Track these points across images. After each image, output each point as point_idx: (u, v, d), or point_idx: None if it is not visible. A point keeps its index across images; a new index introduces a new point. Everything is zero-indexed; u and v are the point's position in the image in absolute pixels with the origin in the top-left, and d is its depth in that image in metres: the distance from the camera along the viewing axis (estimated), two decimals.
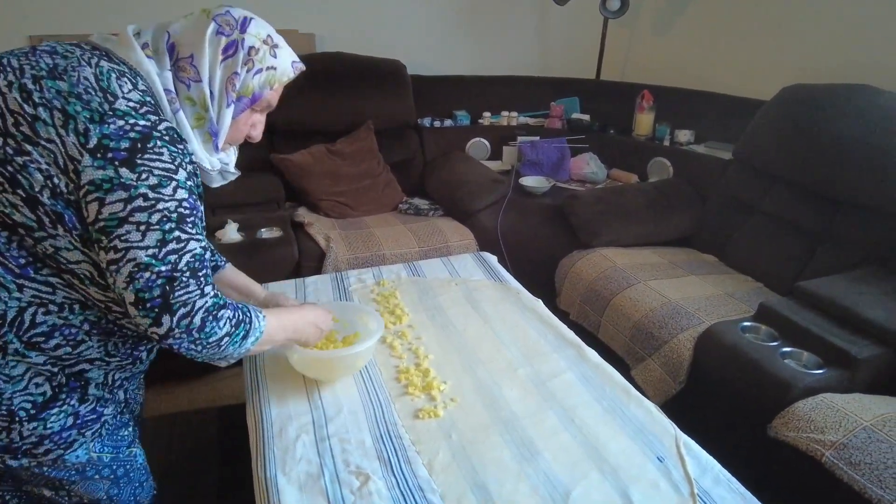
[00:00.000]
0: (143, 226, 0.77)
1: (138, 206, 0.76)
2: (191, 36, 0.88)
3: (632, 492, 0.99)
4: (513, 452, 1.07)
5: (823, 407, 1.35)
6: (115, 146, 0.76)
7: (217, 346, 0.85)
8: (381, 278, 1.73)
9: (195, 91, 0.88)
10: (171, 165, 0.80)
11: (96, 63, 0.80)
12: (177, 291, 0.79)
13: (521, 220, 2.47)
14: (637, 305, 1.88)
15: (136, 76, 0.84)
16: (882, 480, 1.16)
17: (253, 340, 0.91)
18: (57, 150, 0.75)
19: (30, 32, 2.40)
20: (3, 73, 0.77)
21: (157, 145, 0.78)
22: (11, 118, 0.75)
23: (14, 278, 0.79)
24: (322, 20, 2.82)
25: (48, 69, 0.78)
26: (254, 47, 0.91)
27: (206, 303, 0.82)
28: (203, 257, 0.83)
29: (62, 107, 0.75)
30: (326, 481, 1.00)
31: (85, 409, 0.90)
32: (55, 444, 0.87)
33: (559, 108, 3.02)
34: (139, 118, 0.78)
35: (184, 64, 0.87)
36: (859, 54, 2.15)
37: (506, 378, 1.27)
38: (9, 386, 0.81)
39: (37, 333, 0.81)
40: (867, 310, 1.54)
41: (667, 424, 1.15)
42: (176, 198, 0.80)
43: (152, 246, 0.77)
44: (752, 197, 2.22)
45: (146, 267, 0.77)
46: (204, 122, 0.90)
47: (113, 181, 0.75)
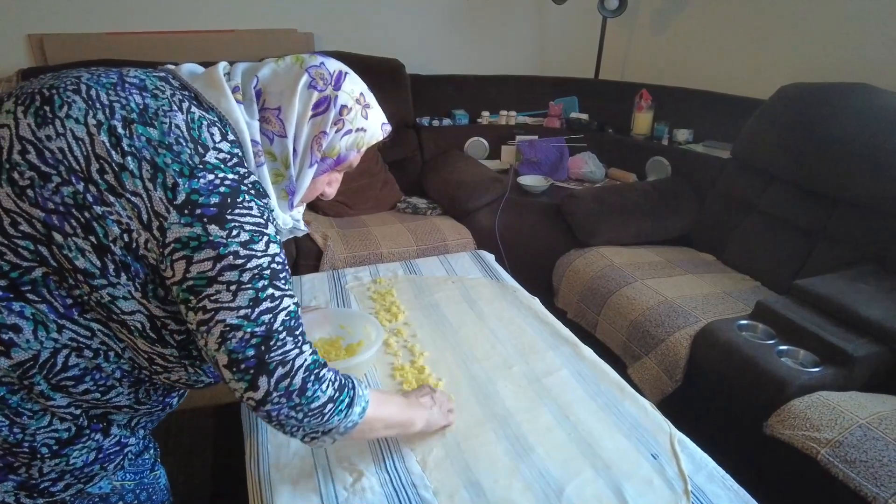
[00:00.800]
0: (233, 285, 0.71)
1: (228, 265, 0.71)
2: (281, 85, 0.82)
3: (625, 488, 0.99)
4: (506, 449, 1.07)
5: (819, 405, 1.34)
6: (205, 202, 0.70)
7: (320, 413, 0.78)
8: (377, 276, 1.73)
9: (278, 146, 0.82)
10: (261, 220, 0.74)
11: (188, 108, 0.75)
12: (273, 351, 0.73)
13: (519, 219, 2.47)
14: (634, 304, 1.88)
15: (226, 125, 0.78)
16: (878, 478, 1.16)
17: (360, 412, 0.83)
18: (142, 204, 0.69)
19: (28, 31, 2.40)
20: (92, 111, 0.70)
21: (245, 199, 0.73)
22: (97, 164, 0.69)
23: (57, 318, 0.72)
24: (321, 19, 2.83)
25: (139, 111, 0.72)
26: (346, 106, 0.84)
27: (305, 361, 0.76)
28: (297, 314, 0.77)
29: (151, 158, 0.70)
30: (320, 477, 1.00)
31: (109, 442, 0.84)
32: (76, 479, 0.82)
33: (558, 107, 3.02)
34: (228, 171, 0.73)
35: (269, 115, 0.81)
36: (857, 53, 2.15)
37: (500, 375, 1.27)
38: (32, 422, 0.75)
39: (67, 377, 0.75)
40: (864, 308, 1.53)
41: (661, 421, 1.15)
42: (269, 253, 0.74)
43: (244, 306, 0.72)
44: (750, 196, 2.22)
45: (238, 328, 0.72)
46: (283, 179, 0.84)
47: (201, 239, 0.70)
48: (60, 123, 0.69)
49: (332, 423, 0.80)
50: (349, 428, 0.83)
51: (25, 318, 0.70)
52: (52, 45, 2.41)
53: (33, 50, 2.42)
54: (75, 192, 0.68)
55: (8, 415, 0.73)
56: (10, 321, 0.70)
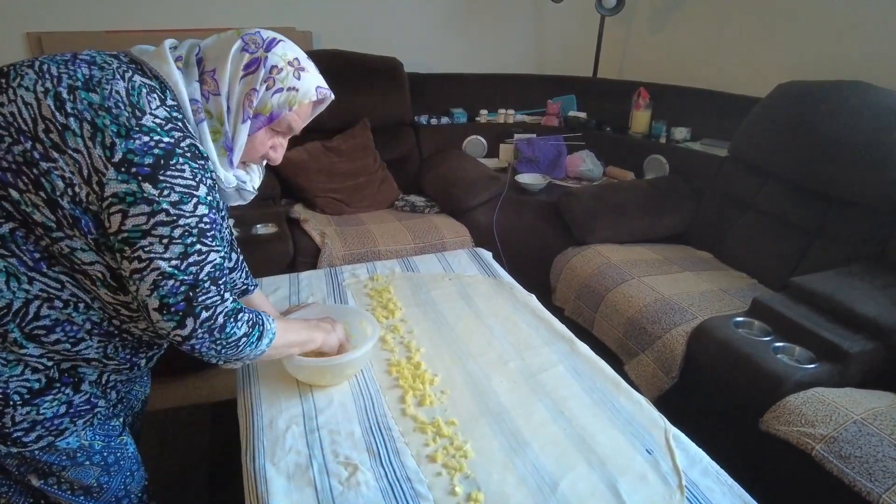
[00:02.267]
0: (165, 239, 0.80)
1: (161, 221, 0.79)
2: (217, 50, 0.90)
3: (620, 483, 0.99)
4: (501, 444, 1.07)
5: (815, 401, 1.35)
6: (139, 161, 0.78)
7: (235, 346, 0.90)
8: (374, 273, 1.73)
9: (213, 104, 0.90)
10: (192, 182, 0.82)
11: (129, 77, 0.82)
12: (199, 297, 0.84)
13: (517, 217, 2.47)
14: (631, 301, 1.88)
15: (166, 90, 0.86)
16: (872, 473, 1.16)
17: (268, 342, 0.95)
18: (83, 160, 0.77)
19: (26, 30, 2.40)
20: (41, 80, 0.79)
21: (178, 162, 0.80)
22: (42, 124, 0.77)
23: (27, 270, 0.81)
24: (319, 18, 2.83)
25: (84, 80, 0.80)
26: (276, 66, 0.91)
27: (226, 307, 0.87)
28: (222, 267, 0.88)
29: (92, 119, 0.78)
30: (315, 472, 1.00)
31: (79, 398, 0.91)
32: (46, 431, 0.88)
33: (556, 105, 3.02)
34: (164, 135, 0.80)
35: (206, 77, 0.89)
36: (853, 51, 2.16)
37: (496, 371, 1.28)
38: (6, 370, 0.83)
39: (38, 326, 0.83)
40: (859, 305, 1.54)
41: (656, 417, 1.15)
42: (196, 214, 0.83)
43: (174, 258, 0.81)
44: (746, 194, 2.22)
45: (170, 276, 0.81)
46: (220, 136, 0.91)
47: (136, 195, 0.78)
48: (13, 92, 0.78)
49: (244, 352, 0.92)
50: (258, 355, 0.96)
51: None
52: (51, 43, 2.41)
53: (31, 48, 2.42)
54: (24, 151, 0.77)
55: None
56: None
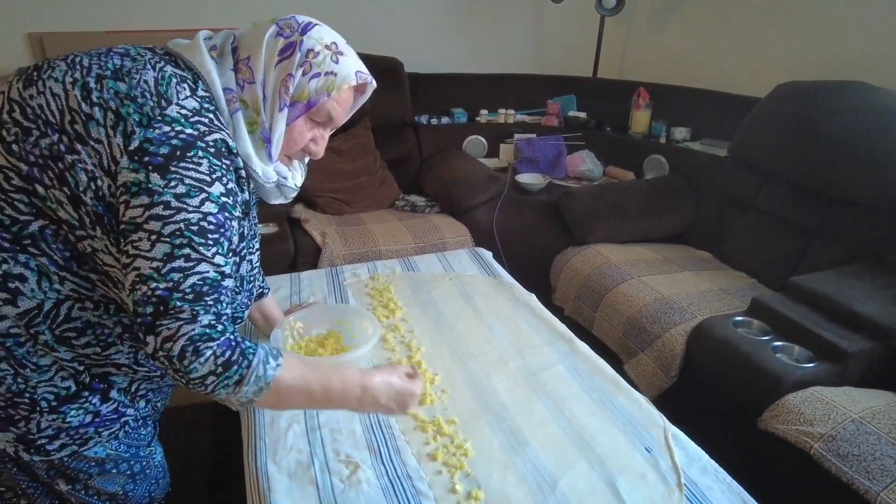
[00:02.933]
0: (154, 235, 0.72)
1: (155, 214, 0.72)
2: (251, 38, 0.86)
3: (619, 482, 1.00)
4: (501, 443, 1.08)
5: (813, 400, 1.35)
6: (154, 150, 0.73)
7: (202, 384, 0.74)
8: (375, 273, 1.74)
9: (248, 93, 0.85)
10: (207, 177, 0.75)
11: (161, 67, 0.80)
12: (167, 315, 0.72)
13: (517, 216, 2.48)
14: (630, 301, 1.89)
15: (198, 80, 0.82)
16: (870, 472, 1.17)
17: (255, 389, 0.77)
18: (103, 150, 0.74)
19: (28, 30, 2.41)
20: (71, 70, 0.77)
21: (197, 155, 0.75)
22: (69, 115, 0.75)
23: (57, 270, 0.78)
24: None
25: (113, 70, 0.77)
26: (313, 50, 0.86)
27: (192, 330, 0.72)
28: (217, 283, 0.75)
29: (116, 108, 0.75)
30: (316, 470, 1.01)
31: (106, 408, 0.87)
32: (71, 439, 0.84)
33: (556, 105, 3.02)
34: (187, 126, 0.76)
35: (241, 66, 0.85)
36: (854, 51, 2.16)
37: (496, 370, 1.28)
38: (35, 375, 0.80)
39: (69, 328, 0.79)
40: (858, 304, 1.54)
41: (655, 416, 1.16)
42: (201, 210, 0.74)
43: (157, 258, 0.72)
44: (746, 194, 2.23)
45: (145, 280, 0.72)
46: (256, 126, 0.86)
47: (140, 185, 0.72)
48: (42, 83, 0.76)
49: (218, 394, 0.76)
50: (244, 402, 0.78)
51: (30, 269, 0.77)
52: (52, 43, 2.42)
53: (33, 49, 2.42)
54: (51, 144, 0.74)
55: (13, 365, 0.78)
56: (17, 271, 0.76)
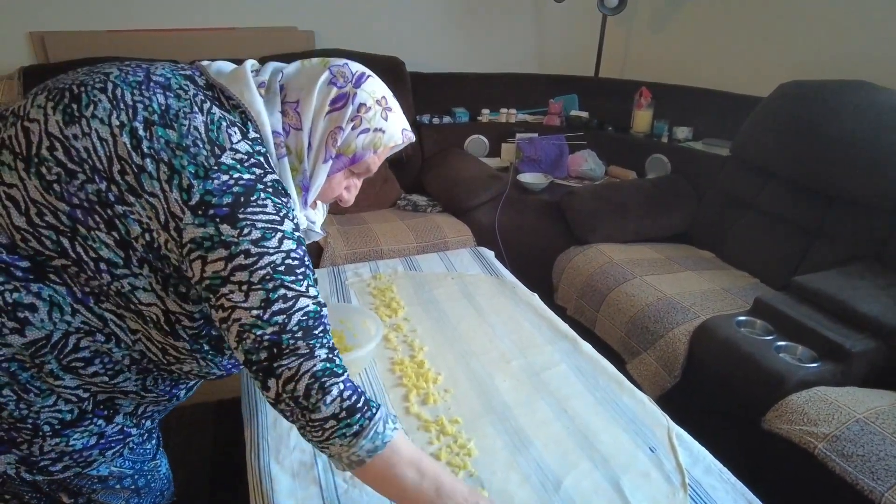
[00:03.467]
0: (244, 285, 0.71)
1: (239, 265, 0.71)
2: (302, 80, 0.83)
3: (623, 481, 0.99)
4: (505, 442, 1.07)
5: (817, 400, 1.35)
6: (217, 202, 0.71)
7: (321, 428, 0.73)
8: (377, 272, 1.73)
9: (293, 139, 0.82)
10: (276, 217, 0.74)
11: (208, 109, 0.76)
12: (283, 356, 0.71)
13: (519, 216, 2.47)
14: (633, 300, 1.89)
15: (247, 122, 0.79)
16: (874, 472, 1.17)
17: (370, 447, 0.74)
18: (159, 205, 0.71)
19: (29, 29, 2.41)
20: (116, 111, 0.72)
21: (260, 198, 0.73)
22: (118, 165, 0.71)
23: (73, 301, 0.75)
24: (321, 17, 2.83)
25: (160, 112, 0.73)
26: (365, 104, 0.84)
27: (313, 366, 0.72)
28: (319, 314, 0.75)
29: (169, 160, 0.71)
30: (319, 470, 1.00)
31: (111, 429, 0.85)
32: (74, 462, 0.83)
33: (558, 105, 3.02)
34: (244, 171, 0.73)
35: (287, 108, 0.82)
36: (856, 50, 2.16)
37: (499, 369, 1.28)
38: (38, 399, 0.77)
39: (77, 358, 0.77)
40: (862, 304, 1.54)
41: (659, 415, 1.16)
42: (282, 249, 0.73)
43: (256, 307, 0.71)
44: (748, 193, 2.22)
45: (250, 328, 0.71)
46: (297, 174, 0.83)
47: (213, 239, 0.70)
48: (86, 123, 0.71)
49: (332, 443, 0.74)
50: (354, 461, 0.75)
51: (42, 299, 0.73)
52: (54, 42, 2.42)
53: (35, 47, 2.42)
54: (98, 191, 0.71)
55: (16, 390, 0.76)
56: (28, 300, 0.73)
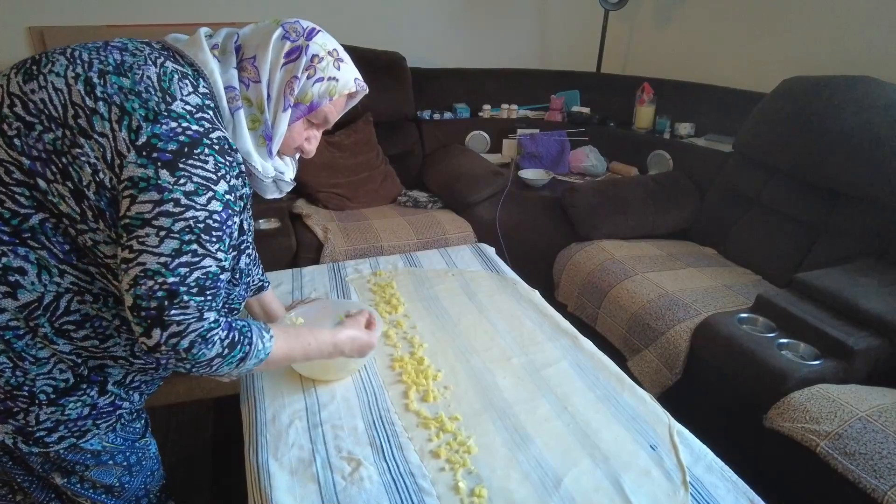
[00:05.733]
0: (163, 231, 0.74)
1: (166, 211, 0.74)
2: (257, 38, 0.89)
3: (623, 479, 0.99)
4: (505, 439, 1.07)
5: (819, 397, 1.34)
6: (163, 147, 0.75)
7: (208, 365, 0.81)
8: (377, 269, 1.73)
9: (253, 91, 0.88)
10: (213, 175, 0.78)
11: (161, 63, 0.81)
12: (174, 308, 0.75)
13: (520, 212, 2.46)
14: (634, 297, 1.88)
15: (199, 77, 0.83)
16: (877, 470, 1.16)
17: (255, 362, 0.87)
18: (108, 144, 0.75)
19: (28, 24, 2.40)
20: (72, 65, 0.77)
21: (203, 152, 0.77)
22: (72, 110, 0.75)
23: (57, 263, 0.78)
24: (321, 12, 2.82)
25: (115, 65, 0.78)
26: (317, 55, 0.90)
27: (200, 327, 0.78)
28: (217, 277, 0.80)
29: (121, 102, 0.75)
30: (318, 467, 1.00)
31: (103, 400, 0.88)
32: (69, 431, 0.86)
33: (559, 100, 3.00)
34: (192, 122, 0.78)
35: (246, 64, 0.87)
36: (860, 46, 2.14)
37: (499, 366, 1.27)
38: (34, 367, 0.80)
39: (69, 321, 0.80)
40: (865, 301, 1.53)
41: (660, 413, 1.15)
42: (208, 208, 0.77)
43: (165, 254, 0.74)
44: (751, 189, 2.21)
45: (152, 274, 0.74)
46: (259, 124, 0.89)
47: (150, 181, 0.74)
48: (43, 78, 0.77)
49: (221, 371, 0.84)
50: (243, 372, 0.88)
51: (30, 262, 0.77)
52: (53, 37, 2.41)
53: (34, 42, 2.41)
54: (54, 139, 0.75)
55: (12, 357, 0.79)
56: (17, 264, 0.76)
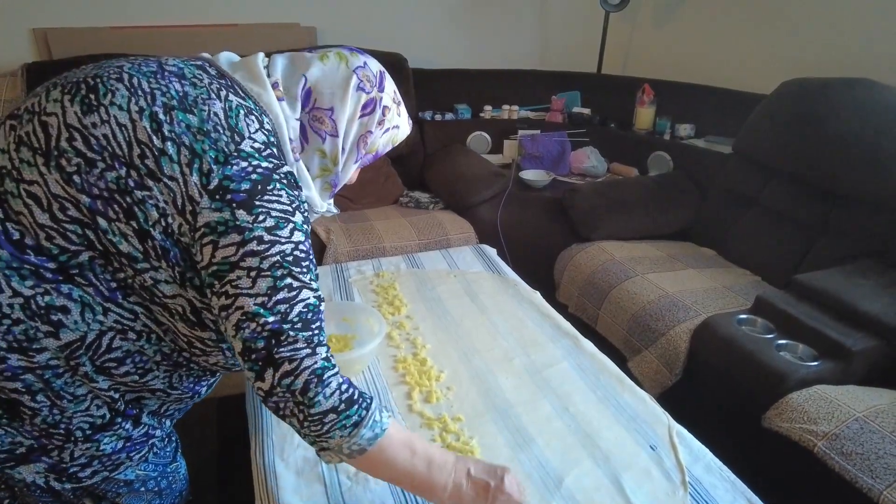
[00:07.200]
0: (253, 271, 0.72)
1: (251, 251, 0.72)
2: (332, 86, 0.86)
3: (624, 479, 1.00)
4: (507, 439, 1.09)
5: (817, 398, 1.36)
6: (235, 188, 0.72)
7: (320, 422, 0.74)
8: (380, 270, 1.74)
9: (329, 144, 0.87)
10: (289, 208, 0.76)
11: (225, 96, 0.78)
12: (283, 346, 0.72)
13: (521, 213, 2.48)
14: (634, 298, 1.89)
15: (263, 114, 0.81)
16: (873, 470, 1.17)
17: (370, 436, 0.77)
18: (178, 189, 0.72)
19: (32, 25, 2.41)
20: (134, 97, 0.73)
21: (276, 188, 0.75)
22: (138, 149, 0.72)
23: (102, 301, 0.75)
24: (323, 14, 2.84)
25: (179, 98, 0.75)
26: (388, 107, 0.91)
27: (314, 363, 0.74)
28: (317, 308, 0.77)
29: (190, 144, 0.73)
30: (324, 468, 1.02)
31: (137, 432, 0.86)
32: (103, 466, 0.84)
33: (560, 101, 3.02)
34: (262, 160, 0.76)
35: (321, 115, 0.86)
36: (859, 48, 2.15)
37: (501, 367, 1.29)
38: (71, 405, 0.78)
39: (110, 358, 0.78)
40: (863, 302, 1.55)
41: (660, 413, 1.17)
42: (292, 240, 0.75)
43: (262, 294, 0.72)
44: (750, 190, 2.23)
45: (253, 317, 0.72)
46: (329, 174, 0.90)
47: (228, 224, 0.72)
48: (105, 111, 0.72)
49: (332, 436, 0.76)
50: (354, 451, 0.77)
51: (73, 301, 0.73)
52: (56, 39, 2.42)
53: (38, 44, 2.43)
54: (118, 177, 0.71)
55: (50, 396, 0.76)
56: (59, 303, 0.73)
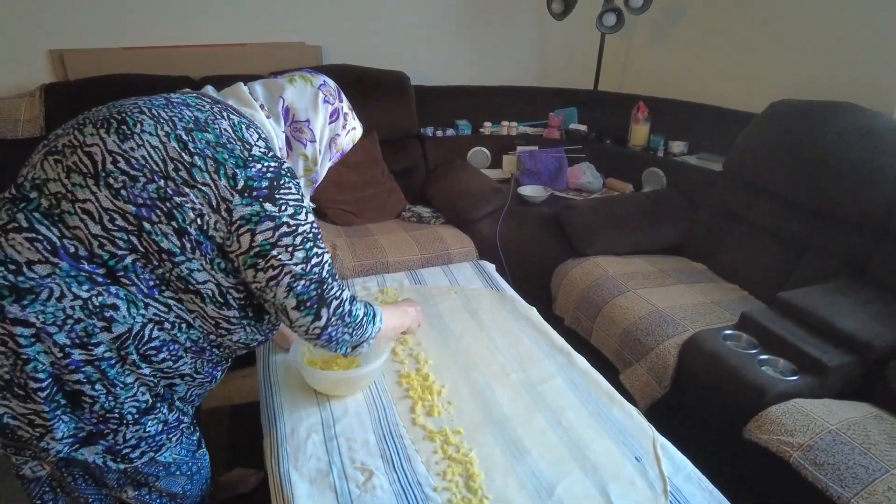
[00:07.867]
0: (290, 247, 0.96)
1: (284, 233, 0.95)
2: (304, 103, 1.10)
3: (610, 488, 1.09)
4: (503, 450, 1.18)
5: (794, 411, 1.45)
6: (258, 185, 0.93)
7: (361, 325, 1.10)
8: (384, 286, 1.83)
9: (310, 149, 1.11)
10: (299, 196, 0.98)
11: (228, 116, 0.98)
12: (327, 291, 1.02)
13: (519, 228, 2.56)
14: (626, 313, 1.98)
15: (257, 129, 1.01)
16: (842, 480, 1.26)
17: (379, 320, 1.16)
18: (211, 192, 0.91)
19: (50, 47, 2.50)
20: (159, 125, 0.92)
21: (286, 181, 0.97)
22: (172, 164, 0.90)
23: (143, 297, 0.92)
24: (328, 33, 2.92)
25: (193, 121, 0.94)
26: (347, 114, 1.17)
27: (345, 295, 1.07)
28: (332, 265, 1.05)
29: (213, 155, 0.92)
30: (335, 476, 1.11)
31: (172, 417, 1.02)
32: (149, 447, 0.99)
33: (557, 118, 3.11)
34: (270, 161, 0.96)
35: (302, 126, 1.09)
36: (844, 73, 2.24)
37: (499, 382, 1.38)
38: (123, 392, 0.93)
39: (150, 347, 0.94)
40: (840, 320, 1.63)
41: (645, 427, 1.26)
42: (308, 221, 0.99)
43: (300, 261, 0.97)
44: (740, 208, 2.31)
45: (301, 276, 0.98)
46: (311, 173, 1.14)
47: (260, 214, 0.93)
48: (138, 137, 0.91)
49: (368, 332, 1.13)
50: (375, 334, 1.16)
51: (121, 299, 0.91)
52: (72, 60, 2.51)
53: (55, 65, 2.52)
54: (158, 188, 0.90)
55: (106, 385, 0.91)
56: (110, 301, 0.90)
